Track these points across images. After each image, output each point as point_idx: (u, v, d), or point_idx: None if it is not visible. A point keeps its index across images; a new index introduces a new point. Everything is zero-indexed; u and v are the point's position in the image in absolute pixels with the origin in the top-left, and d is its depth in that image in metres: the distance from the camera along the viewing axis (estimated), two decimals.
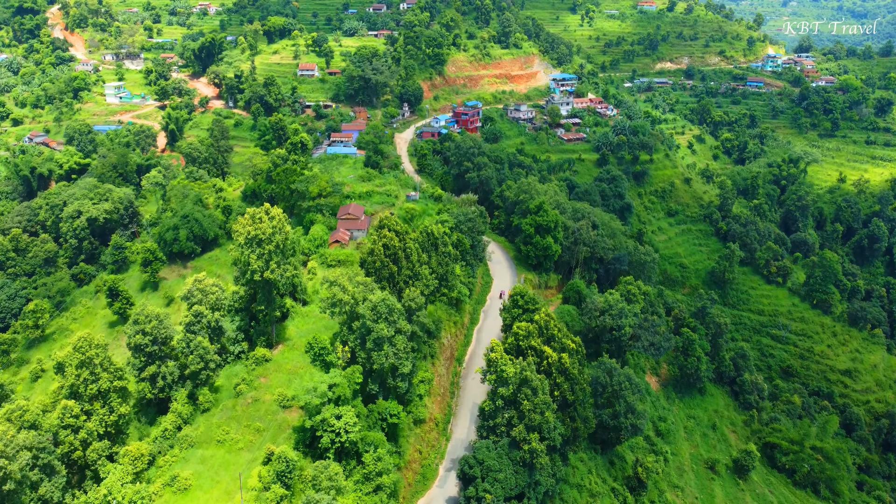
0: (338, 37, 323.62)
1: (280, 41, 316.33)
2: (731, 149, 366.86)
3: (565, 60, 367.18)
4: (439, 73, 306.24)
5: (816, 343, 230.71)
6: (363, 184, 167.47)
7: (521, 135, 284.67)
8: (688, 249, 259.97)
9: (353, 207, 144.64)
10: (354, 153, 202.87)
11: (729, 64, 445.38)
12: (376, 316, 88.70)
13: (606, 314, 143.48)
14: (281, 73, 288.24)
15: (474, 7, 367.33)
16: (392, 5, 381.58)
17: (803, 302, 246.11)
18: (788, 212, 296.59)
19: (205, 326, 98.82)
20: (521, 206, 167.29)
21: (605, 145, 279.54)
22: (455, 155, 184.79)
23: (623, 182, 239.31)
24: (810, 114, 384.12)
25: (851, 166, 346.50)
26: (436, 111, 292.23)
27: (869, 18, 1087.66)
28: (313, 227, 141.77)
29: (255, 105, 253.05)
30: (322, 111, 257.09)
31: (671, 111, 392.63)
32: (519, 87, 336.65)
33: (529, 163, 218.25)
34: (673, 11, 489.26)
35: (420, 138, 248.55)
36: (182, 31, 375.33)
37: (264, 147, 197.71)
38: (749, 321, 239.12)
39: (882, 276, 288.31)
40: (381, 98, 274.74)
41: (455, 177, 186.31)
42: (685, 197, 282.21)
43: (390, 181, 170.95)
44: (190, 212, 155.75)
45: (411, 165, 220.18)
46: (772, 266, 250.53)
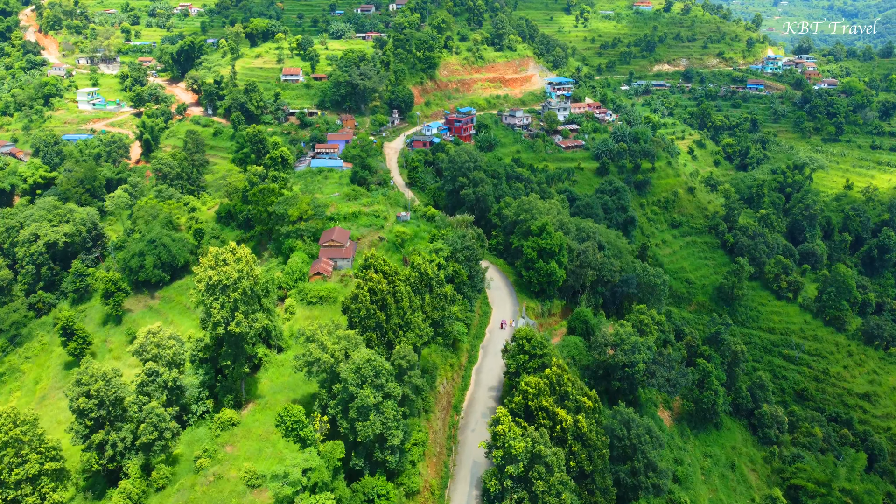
0: (324, 39, 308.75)
1: (263, 44, 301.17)
2: (733, 154, 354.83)
3: (561, 63, 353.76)
4: (430, 78, 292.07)
5: (831, 364, 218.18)
6: (349, 203, 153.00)
7: (516, 142, 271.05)
8: (693, 263, 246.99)
9: (336, 232, 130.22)
10: (340, 166, 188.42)
11: (728, 66, 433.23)
12: (360, 380, 74.54)
13: (618, 349, 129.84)
14: (263, 78, 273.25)
15: (466, 8, 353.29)
16: (381, 6, 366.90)
17: (816, 319, 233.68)
18: (795, 221, 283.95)
19: (161, 387, 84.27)
20: (522, 226, 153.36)
21: (605, 153, 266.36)
22: (449, 170, 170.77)
23: (626, 194, 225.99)
24: (813, 117, 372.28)
25: (857, 172, 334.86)
26: (427, 118, 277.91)
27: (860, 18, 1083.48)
28: (293, 256, 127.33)
29: (235, 113, 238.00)
30: (307, 119, 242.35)
31: (670, 115, 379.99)
32: (513, 92, 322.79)
33: (528, 175, 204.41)
34: (669, 12, 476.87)
35: (411, 148, 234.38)
36: (162, 34, 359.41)
37: (242, 161, 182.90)
38: (759, 340, 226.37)
39: (893, 288, 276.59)
40: (369, 105, 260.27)
41: (449, 193, 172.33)
42: (689, 207, 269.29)
43: (379, 199, 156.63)
44: (158, 236, 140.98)
45: (401, 178, 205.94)
46: (782, 281, 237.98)
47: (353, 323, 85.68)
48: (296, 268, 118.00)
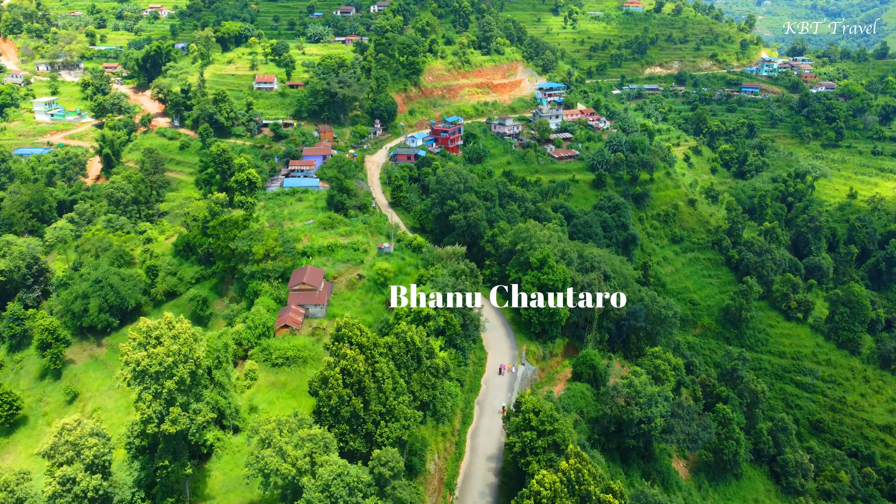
0: (301, 44, 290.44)
1: (236, 49, 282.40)
2: (730, 161, 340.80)
3: (551, 67, 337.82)
4: (415, 84, 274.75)
5: (848, 392, 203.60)
6: (324, 233, 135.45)
7: (507, 153, 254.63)
8: (697, 282, 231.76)
9: (309, 273, 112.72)
10: (316, 186, 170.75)
11: (722, 68, 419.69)
12: (330, 501, 57.34)
13: (633, 403, 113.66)
14: (235, 86, 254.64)
15: (451, 9, 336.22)
16: (362, 8, 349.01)
17: (828, 341, 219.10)
18: (800, 233, 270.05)
19: (79, 497, 66.57)
20: (519, 256, 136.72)
21: (601, 164, 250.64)
22: (437, 192, 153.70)
23: (627, 210, 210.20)
24: (811, 122, 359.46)
25: (860, 180, 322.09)
26: (412, 127, 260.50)
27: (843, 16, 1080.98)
28: (257, 302, 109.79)
29: (203, 125, 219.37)
30: (281, 131, 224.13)
31: (664, 120, 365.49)
32: (502, 98, 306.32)
33: (521, 193, 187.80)
34: (660, 12, 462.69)
35: (394, 162, 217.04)
36: (130, 38, 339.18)
37: (207, 181, 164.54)
38: (769, 366, 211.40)
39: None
40: (349, 114, 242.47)
41: (437, 217, 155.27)
42: (690, 221, 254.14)
43: (358, 228, 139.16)
44: (104, 275, 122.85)
45: (384, 197, 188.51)
46: (791, 300, 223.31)
47: (323, 413, 68.57)
48: (259, 320, 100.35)
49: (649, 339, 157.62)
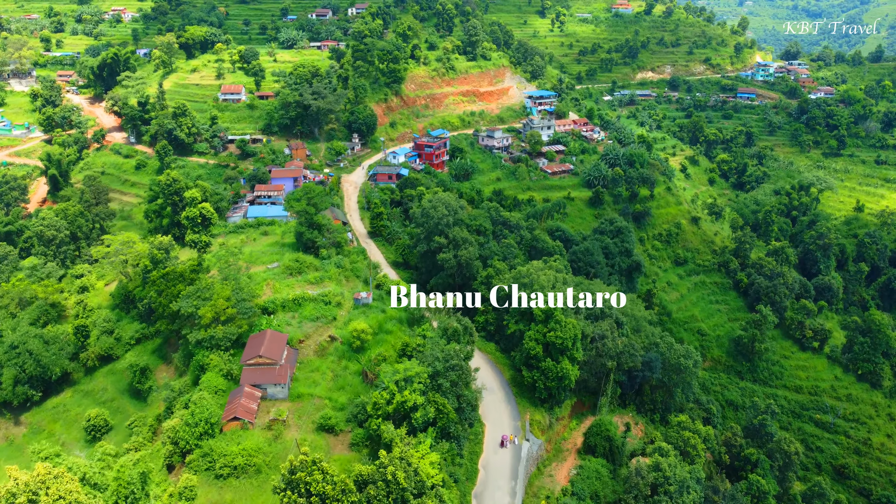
0: (272, 50, 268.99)
1: (201, 56, 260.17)
2: (729, 171, 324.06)
3: (540, 73, 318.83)
4: (396, 93, 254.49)
5: (873, 432, 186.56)
6: (290, 281, 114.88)
7: (496, 168, 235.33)
8: (704, 310, 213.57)
9: (268, 341, 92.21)
10: (285, 217, 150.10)
11: (716, 73, 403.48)
12: None
13: (661, 490, 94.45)
14: (200, 97, 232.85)
15: (434, 12, 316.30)
16: (339, 11, 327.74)
17: (847, 373, 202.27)
18: (807, 251, 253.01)
19: None
20: (520, 304, 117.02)
21: (598, 179, 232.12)
22: (423, 225, 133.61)
23: (630, 235, 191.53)
24: (812, 129, 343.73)
25: (865, 191, 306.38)
26: (393, 141, 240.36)
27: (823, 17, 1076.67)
28: (204, 381, 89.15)
29: (161, 142, 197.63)
30: (249, 147, 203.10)
31: (658, 128, 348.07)
32: (490, 107, 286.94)
33: (517, 219, 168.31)
34: (650, 15, 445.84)
35: (374, 182, 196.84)
36: (89, 42, 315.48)
37: (157, 214, 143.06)
38: (786, 403, 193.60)
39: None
40: (324, 128, 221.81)
41: (423, 254, 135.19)
42: (694, 241, 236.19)
43: (331, 273, 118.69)
44: (22, 339, 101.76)
45: (363, 226, 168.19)
46: (806, 329, 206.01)
47: None
48: (201, 414, 79.40)
49: (665, 391, 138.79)
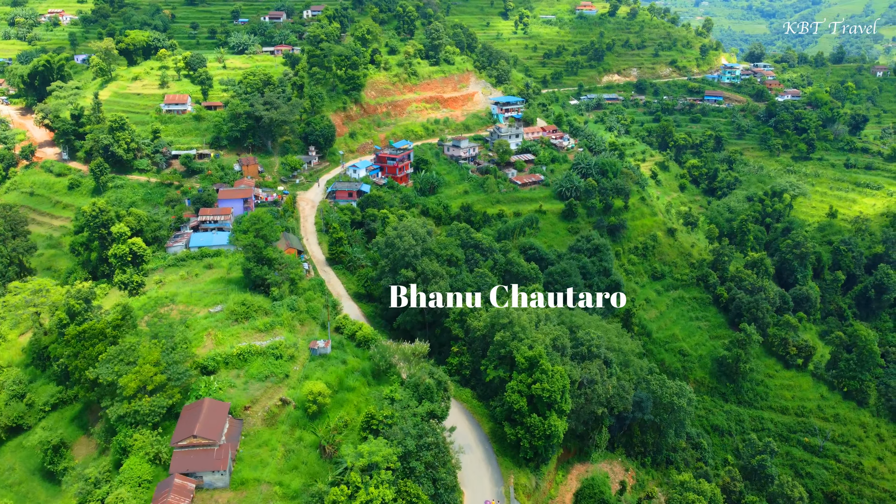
0: (222, 55, 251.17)
1: (143, 63, 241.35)
2: (699, 177, 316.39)
3: (505, 78, 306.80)
4: (355, 101, 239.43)
5: (863, 455, 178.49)
6: (235, 329, 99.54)
7: (463, 179, 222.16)
8: (685, 328, 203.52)
9: (205, 415, 77.05)
10: (234, 246, 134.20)
11: (682, 75, 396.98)
12: None
13: None
14: (141, 108, 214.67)
15: (395, 15, 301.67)
16: (294, 13, 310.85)
17: (832, 392, 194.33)
18: (784, 260, 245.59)
19: None
20: (500, 349, 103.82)
21: (570, 191, 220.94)
22: (388, 256, 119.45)
23: (608, 253, 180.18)
24: (780, 133, 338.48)
25: (837, 196, 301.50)
26: (353, 153, 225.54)
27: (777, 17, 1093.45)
28: (126, 467, 73.72)
29: (96, 159, 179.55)
30: (194, 164, 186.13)
31: (626, 133, 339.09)
32: (455, 114, 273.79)
33: (489, 242, 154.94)
34: (615, 16, 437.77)
35: (333, 200, 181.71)
36: (23, 48, 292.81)
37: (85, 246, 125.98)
38: (772, 425, 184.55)
39: (892, 333, 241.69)
40: (278, 140, 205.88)
41: (389, 288, 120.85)
42: (671, 253, 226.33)
43: (283, 317, 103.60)
44: None
45: (321, 251, 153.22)
46: (790, 346, 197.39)
47: None
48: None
49: (657, 431, 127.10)
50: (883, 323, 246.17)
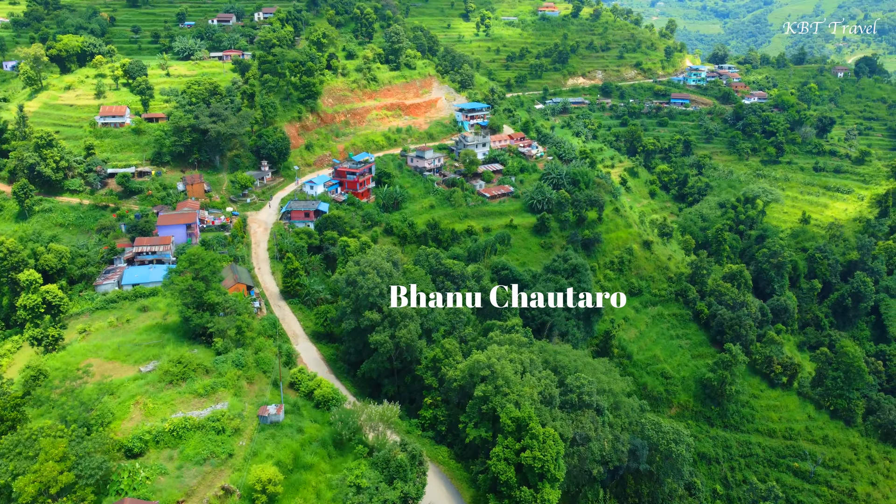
0: (165, 62, 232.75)
1: (78, 70, 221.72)
2: (669, 183, 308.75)
3: (470, 83, 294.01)
4: (311, 110, 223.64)
5: (856, 479, 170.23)
6: (169, 393, 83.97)
7: (428, 193, 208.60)
8: (666, 348, 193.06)
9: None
10: None
11: (648, 78, 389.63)
12: None
13: None
14: (75, 121, 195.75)
15: (352, 17, 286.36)
16: (244, 15, 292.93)
17: (820, 411, 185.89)
18: (761, 270, 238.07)
19: None
20: (481, 404, 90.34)
21: (541, 203, 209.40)
22: (349, 296, 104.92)
23: (587, 273, 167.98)
24: (749, 136, 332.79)
25: (808, 200, 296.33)
26: (309, 166, 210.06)
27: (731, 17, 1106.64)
28: None
29: (20, 180, 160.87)
30: (133, 183, 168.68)
31: (594, 138, 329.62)
32: (417, 122, 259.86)
33: (461, 269, 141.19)
34: (578, 17, 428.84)
35: (288, 221, 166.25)
36: None
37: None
38: (761, 451, 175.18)
39: (868, 342, 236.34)
40: (227, 155, 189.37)
41: (352, 333, 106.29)
42: (648, 267, 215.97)
43: (227, 376, 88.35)
44: None
45: (274, 282, 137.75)
46: (775, 365, 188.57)
47: None
48: None
49: (651, 480, 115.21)
50: (860, 332, 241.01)
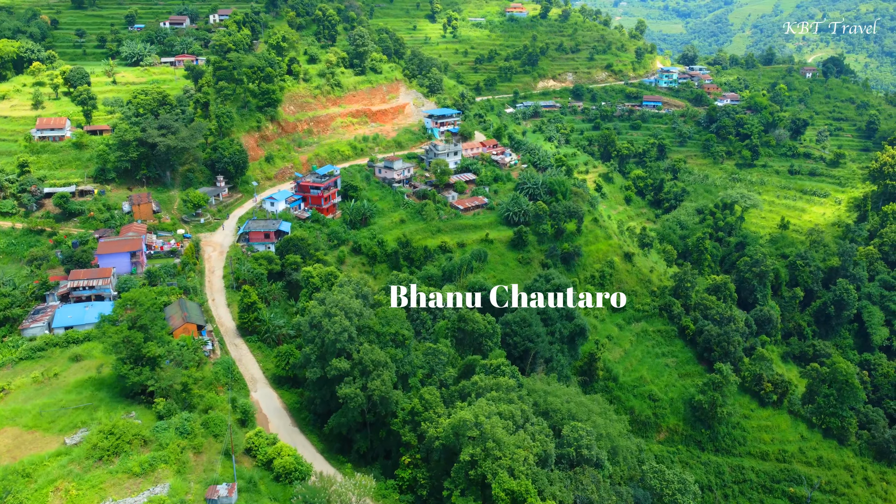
0: (111, 68, 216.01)
1: (14, 78, 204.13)
2: (645, 188, 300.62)
3: (439, 88, 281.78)
4: (271, 119, 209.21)
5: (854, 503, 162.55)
6: (98, 472, 69.95)
7: (398, 206, 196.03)
8: (653, 368, 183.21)
9: None
10: None
11: (619, 80, 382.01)
12: None
13: None
14: (9, 134, 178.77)
15: (314, 19, 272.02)
16: (198, 18, 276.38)
17: (812, 430, 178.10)
18: (743, 279, 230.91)
19: None
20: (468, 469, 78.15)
21: (517, 215, 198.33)
22: (313, 342, 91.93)
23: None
24: (723, 139, 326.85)
25: (785, 204, 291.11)
26: (270, 180, 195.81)
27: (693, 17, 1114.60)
28: None
29: None
30: (72, 204, 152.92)
31: (567, 143, 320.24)
32: (385, 129, 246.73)
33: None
34: (546, 18, 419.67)
35: (246, 244, 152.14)
36: None
37: None
38: (754, 475, 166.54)
39: (851, 350, 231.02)
40: (179, 170, 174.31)
41: (318, 382, 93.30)
42: (630, 280, 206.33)
43: (169, 448, 74.73)
44: None
45: (230, 316, 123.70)
46: (765, 383, 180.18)
47: None
48: None
49: None
50: (843, 340, 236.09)
